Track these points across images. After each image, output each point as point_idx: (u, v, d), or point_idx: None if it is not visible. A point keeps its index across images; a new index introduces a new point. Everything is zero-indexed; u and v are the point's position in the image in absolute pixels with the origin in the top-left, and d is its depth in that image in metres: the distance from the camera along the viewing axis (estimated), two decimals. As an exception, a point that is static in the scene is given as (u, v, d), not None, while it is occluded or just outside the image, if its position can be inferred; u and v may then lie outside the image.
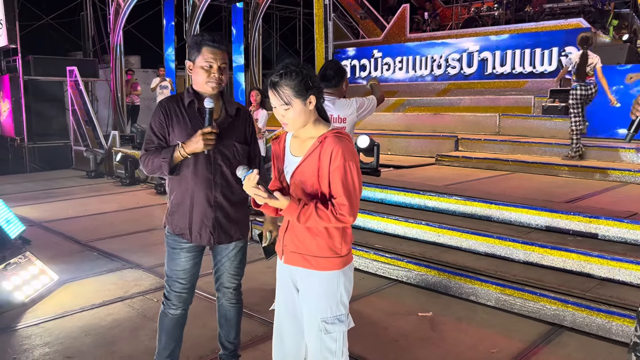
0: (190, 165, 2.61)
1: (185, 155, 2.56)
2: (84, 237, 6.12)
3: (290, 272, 2.21)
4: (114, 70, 12.37)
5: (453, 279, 4.31)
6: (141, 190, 9.31)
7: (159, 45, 13.86)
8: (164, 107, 2.63)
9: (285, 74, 2.03)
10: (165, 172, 2.57)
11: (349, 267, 2.17)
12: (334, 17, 13.77)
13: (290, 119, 2.07)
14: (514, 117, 8.83)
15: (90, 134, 11.64)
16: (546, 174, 6.72)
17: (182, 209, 2.67)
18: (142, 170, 2.68)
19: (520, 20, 12.44)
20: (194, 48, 2.57)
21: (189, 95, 2.66)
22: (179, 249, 2.71)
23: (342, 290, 2.12)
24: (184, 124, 2.61)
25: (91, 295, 4.36)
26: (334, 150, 2.00)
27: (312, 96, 2.06)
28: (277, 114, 2.09)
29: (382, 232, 5.24)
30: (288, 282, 2.24)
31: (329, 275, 2.10)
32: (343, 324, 2.13)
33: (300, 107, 2.05)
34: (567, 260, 4.08)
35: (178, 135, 2.60)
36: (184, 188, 2.65)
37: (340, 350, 2.13)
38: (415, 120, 10.00)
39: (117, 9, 11.94)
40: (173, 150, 2.56)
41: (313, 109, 2.10)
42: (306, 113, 2.07)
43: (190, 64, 2.61)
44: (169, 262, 2.75)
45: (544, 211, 4.59)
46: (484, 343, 3.51)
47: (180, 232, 2.69)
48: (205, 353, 3.37)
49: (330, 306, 2.11)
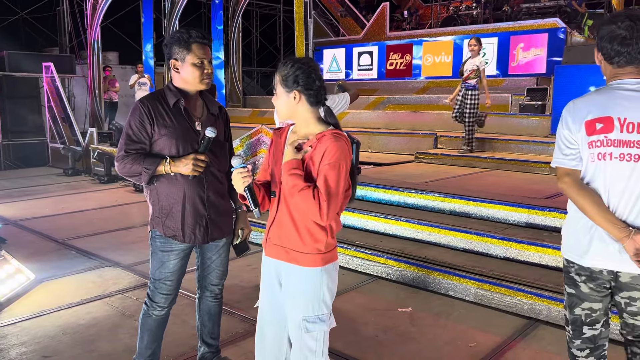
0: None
1: (168, 172, 2.55)
2: (61, 236, 6.03)
3: (275, 267, 2.21)
4: (91, 66, 12.18)
5: (432, 275, 4.37)
6: (120, 188, 9.21)
7: (138, 42, 13.69)
8: (146, 107, 2.56)
9: (285, 63, 2.14)
10: (143, 181, 2.56)
11: (333, 266, 2.16)
12: (314, 15, 13.77)
13: (277, 105, 2.18)
14: (491, 115, 8.95)
15: (67, 131, 11.45)
16: (523, 171, 6.83)
17: (174, 210, 2.63)
18: (116, 167, 2.63)
19: (498, 19, 12.61)
20: (182, 46, 2.54)
21: (173, 93, 2.62)
22: (170, 251, 2.69)
23: (324, 290, 2.12)
24: (170, 124, 2.58)
25: (69, 294, 4.31)
26: (329, 148, 2.01)
27: (297, 92, 2.09)
28: (272, 99, 2.22)
29: (363, 228, 5.28)
30: (272, 276, 2.24)
31: (311, 273, 2.10)
32: (324, 323, 2.13)
33: (284, 97, 2.12)
34: (543, 256, 4.16)
35: (166, 137, 2.56)
36: (174, 189, 2.62)
37: (320, 349, 2.14)
38: (395, 118, 10.07)
39: (94, 5, 11.76)
40: (158, 163, 2.54)
41: (305, 108, 2.12)
42: (291, 106, 2.12)
43: (176, 63, 2.57)
44: (158, 266, 2.70)
45: (521, 207, 4.67)
46: (462, 338, 3.57)
47: (172, 235, 2.66)
48: (185, 350, 3.36)
49: (312, 305, 2.11)
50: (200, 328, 3.01)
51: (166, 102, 2.61)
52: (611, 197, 2.04)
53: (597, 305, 2.15)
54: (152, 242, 2.71)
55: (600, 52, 2.11)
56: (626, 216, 2.02)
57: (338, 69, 13.47)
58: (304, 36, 12.37)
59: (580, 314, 2.19)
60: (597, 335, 2.19)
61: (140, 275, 4.73)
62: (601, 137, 2.03)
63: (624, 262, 2.03)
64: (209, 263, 2.86)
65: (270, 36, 19.87)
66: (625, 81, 2.06)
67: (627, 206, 2.02)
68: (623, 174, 2.01)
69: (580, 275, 2.16)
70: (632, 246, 1.97)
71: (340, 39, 13.98)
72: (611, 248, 2.05)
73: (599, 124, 2.03)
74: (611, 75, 2.11)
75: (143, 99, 2.63)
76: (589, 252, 2.11)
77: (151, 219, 2.71)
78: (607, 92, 2.08)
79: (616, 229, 2.00)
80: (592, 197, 2.06)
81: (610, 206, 2.04)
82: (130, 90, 12.80)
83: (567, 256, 2.22)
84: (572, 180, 2.12)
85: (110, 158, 9.77)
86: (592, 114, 2.05)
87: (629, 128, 1.99)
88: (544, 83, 9.50)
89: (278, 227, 2.16)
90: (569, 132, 2.11)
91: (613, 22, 2.04)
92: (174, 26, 12.11)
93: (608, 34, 2.04)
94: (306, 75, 2.10)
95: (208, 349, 3.02)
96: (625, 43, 2.01)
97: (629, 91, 2.04)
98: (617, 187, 2.02)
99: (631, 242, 1.97)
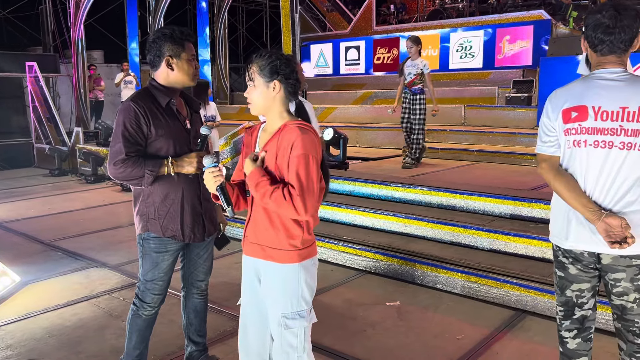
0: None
1: (171, 173, 2.54)
2: (47, 237, 5.98)
3: (254, 265, 2.21)
4: (75, 65, 12.05)
5: (419, 268, 4.38)
6: (106, 188, 9.14)
7: (123, 40, 13.56)
8: (142, 108, 2.52)
9: (260, 54, 2.09)
10: (145, 184, 2.53)
11: (312, 262, 2.15)
12: (301, 10, 13.72)
13: (253, 98, 2.11)
14: (478, 107, 8.99)
15: (52, 131, 11.34)
16: (510, 163, 6.87)
17: (172, 211, 2.62)
18: (109, 171, 2.54)
19: (484, 12, 12.64)
20: (177, 43, 2.55)
21: (163, 92, 2.60)
22: (165, 252, 2.67)
23: (303, 286, 2.11)
24: (165, 124, 2.57)
25: (55, 296, 4.27)
26: (297, 140, 1.98)
27: (277, 82, 2.07)
28: (246, 93, 2.14)
29: (351, 223, 5.28)
30: (251, 274, 2.23)
31: (288, 269, 2.09)
32: (304, 319, 2.12)
33: (263, 88, 2.07)
34: (529, 247, 4.19)
35: (163, 137, 2.55)
36: (172, 190, 2.61)
37: (301, 345, 2.12)
38: (382, 113, 10.06)
39: (77, 2, 11.61)
40: (160, 164, 2.51)
41: (280, 100, 2.10)
42: (268, 97, 2.08)
43: (171, 60, 2.56)
44: (150, 267, 2.68)
45: (507, 199, 4.69)
46: (450, 330, 3.58)
47: (172, 235, 2.64)
48: (172, 350, 3.35)
49: (291, 301, 2.10)
50: (186, 326, 3.00)
51: (158, 102, 2.59)
52: (587, 182, 2.12)
53: (585, 286, 2.23)
54: (145, 243, 2.67)
55: (586, 40, 2.17)
56: (602, 200, 2.10)
57: (325, 64, 13.44)
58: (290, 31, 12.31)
59: (571, 295, 2.27)
60: (586, 317, 2.27)
61: (127, 275, 4.70)
62: (576, 125, 2.11)
63: (600, 243, 2.10)
64: (196, 259, 2.85)
65: (257, 32, 19.76)
66: (605, 70, 2.12)
67: (602, 190, 2.10)
68: (597, 160, 2.09)
69: (567, 257, 2.24)
70: (603, 228, 2.05)
71: (327, 34, 13.95)
72: (588, 230, 2.13)
73: (574, 113, 2.12)
74: (595, 64, 2.17)
75: (136, 99, 2.57)
76: (569, 235, 2.19)
77: (144, 221, 2.65)
78: (587, 81, 2.16)
79: (589, 211, 2.08)
80: (567, 182, 2.15)
81: (587, 191, 2.12)
82: (116, 89, 12.70)
83: (553, 241, 2.31)
84: (549, 166, 2.22)
85: (97, 158, 9.69)
86: (568, 103, 2.14)
87: (603, 116, 2.07)
88: (529, 75, 9.54)
89: (254, 225, 2.15)
90: (548, 120, 2.21)
91: (599, 11, 2.11)
92: (159, 23, 12.01)
93: (593, 22, 2.11)
94: (285, 64, 2.08)
95: (195, 347, 3.01)
96: (609, 32, 2.07)
97: (607, 80, 2.10)
98: (593, 173, 2.10)
99: (602, 224, 2.05)
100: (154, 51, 2.58)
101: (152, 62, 2.61)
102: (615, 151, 2.05)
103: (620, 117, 2.04)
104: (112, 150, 2.53)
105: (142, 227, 2.66)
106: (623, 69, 2.11)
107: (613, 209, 2.08)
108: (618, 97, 2.05)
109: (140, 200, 2.65)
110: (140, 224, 2.67)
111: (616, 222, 2.02)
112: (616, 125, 2.04)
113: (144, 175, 2.49)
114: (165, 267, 2.70)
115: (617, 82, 2.08)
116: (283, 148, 2.01)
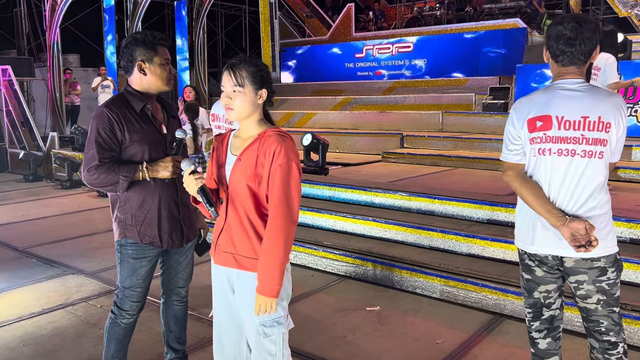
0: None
1: (146, 178, 2.51)
2: (21, 244, 5.85)
3: (226, 274, 2.19)
4: (51, 69, 11.87)
5: (399, 273, 4.41)
6: (82, 194, 8.99)
7: (99, 44, 13.40)
8: (115, 114, 2.50)
9: (247, 61, 2.06)
10: (120, 190, 2.50)
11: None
12: (280, 16, 13.75)
13: (237, 104, 2.04)
14: (456, 114, 9.09)
15: (26, 136, 11.12)
16: (487, 168, 6.95)
17: (149, 217, 2.59)
18: (83, 178, 2.52)
19: (461, 19, 12.83)
20: (149, 47, 2.53)
21: (137, 98, 2.58)
22: (143, 258, 2.64)
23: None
24: (140, 130, 2.54)
25: (30, 304, 4.19)
26: (277, 149, 1.98)
27: (265, 91, 2.08)
28: (224, 98, 2.05)
29: (331, 229, 5.29)
30: (224, 284, 2.21)
31: None
32: (282, 326, 2.11)
33: (251, 95, 2.05)
34: (507, 251, 4.24)
35: (137, 143, 2.53)
36: (148, 195, 2.58)
37: (280, 352, 2.11)
38: (361, 119, 10.12)
39: (53, 5, 11.46)
40: (135, 170, 2.49)
41: (261, 108, 2.11)
42: (254, 105, 2.07)
43: (143, 64, 2.54)
44: (129, 274, 2.64)
45: (484, 204, 4.75)
46: (430, 334, 3.61)
47: (149, 241, 2.62)
48: (151, 357, 3.31)
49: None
50: (166, 333, 2.97)
51: (132, 107, 2.57)
52: (551, 189, 2.19)
53: (551, 287, 2.30)
54: (123, 250, 2.64)
55: (548, 51, 2.24)
56: (565, 205, 2.18)
57: (305, 70, 13.46)
58: (269, 37, 12.33)
59: (538, 297, 2.33)
60: (554, 317, 2.34)
61: (104, 282, 4.63)
62: (541, 134, 2.18)
63: (564, 247, 2.17)
64: (175, 266, 2.83)
65: (236, 37, 19.73)
66: (566, 81, 2.20)
67: (565, 196, 2.18)
68: (561, 168, 2.17)
69: (533, 261, 2.30)
70: (568, 232, 2.12)
71: (307, 39, 13.98)
72: (552, 235, 2.20)
73: (539, 122, 2.19)
74: (556, 74, 2.25)
75: (109, 105, 2.54)
76: (534, 240, 2.26)
77: (121, 227, 2.62)
78: (550, 91, 2.23)
79: (553, 217, 2.15)
80: (532, 188, 2.22)
81: (551, 197, 2.20)
82: (92, 94, 12.54)
83: (519, 245, 2.38)
84: (514, 173, 2.29)
85: (72, 163, 9.54)
86: (533, 112, 2.21)
87: (566, 125, 2.14)
88: (506, 82, 9.69)
89: (227, 233, 2.13)
90: (513, 129, 2.29)
91: (560, 23, 2.17)
92: (137, 27, 11.91)
93: (555, 33, 2.18)
94: (269, 74, 2.11)
95: (175, 354, 2.98)
96: (570, 43, 2.14)
97: (569, 90, 2.18)
98: (556, 180, 2.18)
99: (567, 229, 2.12)
100: (126, 56, 2.56)
101: (125, 67, 2.60)
102: (577, 159, 2.14)
103: (581, 126, 2.12)
104: (86, 157, 2.51)
105: (120, 234, 2.64)
106: (583, 79, 2.19)
107: (576, 214, 2.16)
108: (579, 107, 2.13)
109: (118, 206, 2.62)
110: (117, 230, 2.65)
111: (580, 225, 2.10)
112: (578, 134, 2.12)
113: (118, 181, 2.47)
114: (144, 273, 2.67)
115: (578, 92, 2.16)
116: (263, 155, 2.01)
